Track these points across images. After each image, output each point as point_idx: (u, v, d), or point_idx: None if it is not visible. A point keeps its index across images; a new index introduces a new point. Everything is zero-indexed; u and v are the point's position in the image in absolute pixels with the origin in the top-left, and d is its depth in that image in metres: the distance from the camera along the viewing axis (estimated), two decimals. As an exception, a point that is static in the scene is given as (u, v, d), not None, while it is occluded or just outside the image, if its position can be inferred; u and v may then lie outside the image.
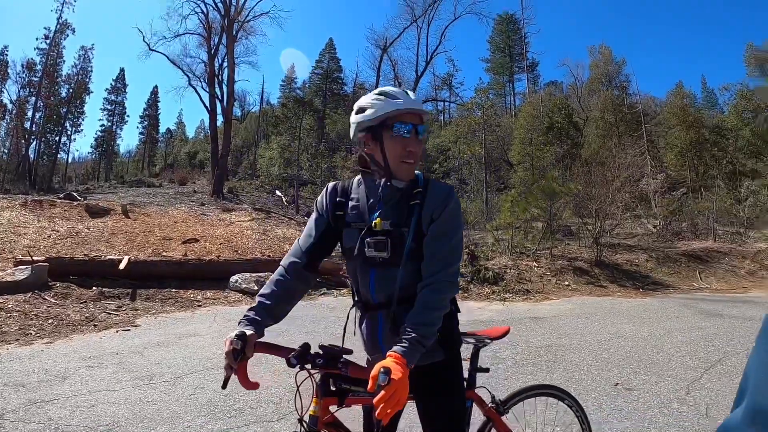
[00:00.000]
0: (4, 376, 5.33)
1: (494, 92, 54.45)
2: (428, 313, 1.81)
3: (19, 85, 48.08)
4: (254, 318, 1.95)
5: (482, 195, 28.34)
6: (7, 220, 15.29)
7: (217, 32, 33.34)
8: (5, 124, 51.31)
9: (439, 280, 1.89)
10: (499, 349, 6.35)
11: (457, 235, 2.00)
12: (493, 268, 12.18)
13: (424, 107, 2.12)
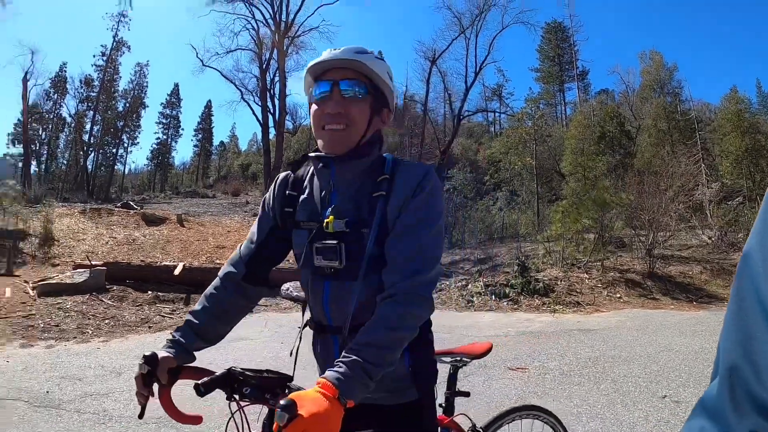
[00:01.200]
0: (63, 369, 5.76)
1: (544, 102, 53.89)
2: (383, 334, 1.38)
3: (77, 99, 50.24)
4: (177, 339, 1.64)
5: (533, 206, 28.17)
6: (67, 227, 16.09)
7: (268, 48, 34.20)
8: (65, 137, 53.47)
9: (403, 290, 1.45)
10: (546, 359, 6.45)
11: (431, 230, 1.55)
12: (543, 279, 12.17)
13: (362, 56, 1.62)
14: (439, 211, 1.60)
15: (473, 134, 51.54)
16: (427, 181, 1.58)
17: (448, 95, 35.08)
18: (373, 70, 1.64)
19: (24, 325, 7.84)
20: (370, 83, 1.66)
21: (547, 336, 7.98)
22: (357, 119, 1.62)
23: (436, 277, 1.55)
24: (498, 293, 11.49)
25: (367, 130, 1.66)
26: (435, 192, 1.59)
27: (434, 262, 1.54)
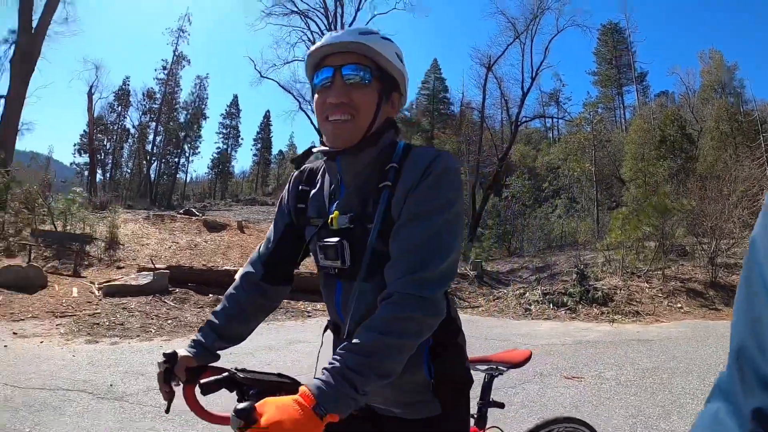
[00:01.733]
0: (126, 365, 6.19)
1: (603, 106, 52.72)
2: (371, 339, 1.21)
3: (140, 111, 52.73)
4: (198, 339, 1.66)
5: (593, 213, 27.82)
6: (132, 232, 16.87)
7: (324, 58, 34.65)
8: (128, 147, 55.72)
9: (400, 290, 1.28)
10: (603, 369, 6.51)
11: (439, 220, 1.36)
12: (602, 288, 12.10)
13: (366, 36, 1.48)
14: (450, 198, 1.39)
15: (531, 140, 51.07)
16: (436, 165, 1.40)
17: (505, 101, 34.78)
18: (378, 52, 1.48)
19: (90, 323, 8.48)
20: (376, 67, 1.50)
21: (604, 345, 8.02)
22: (363, 108, 1.48)
23: (446, 274, 1.34)
24: (556, 302, 11.50)
25: (374, 119, 1.51)
26: (446, 177, 1.40)
27: (443, 257, 1.33)
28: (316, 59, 1.52)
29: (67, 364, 6.18)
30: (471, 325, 9.64)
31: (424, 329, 1.29)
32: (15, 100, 18.18)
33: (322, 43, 1.48)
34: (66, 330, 8.14)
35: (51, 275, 11.57)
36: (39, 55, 18.64)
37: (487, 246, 23.85)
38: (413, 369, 1.44)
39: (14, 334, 7.75)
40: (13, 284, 10.35)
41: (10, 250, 13.54)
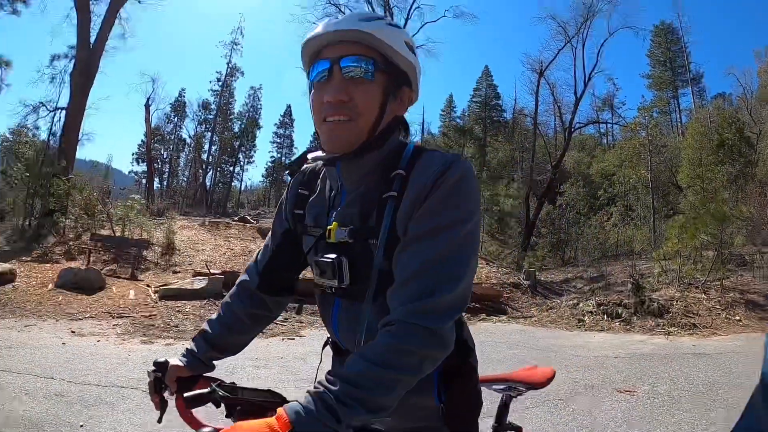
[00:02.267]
0: None
1: (658, 110, 50.97)
2: (364, 370, 1.08)
3: (196, 122, 54.32)
4: (190, 349, 1.60)
5: (649, 222, 27.32)
6: (188, 238, 17.36)
7: (375, 67, 35.01)
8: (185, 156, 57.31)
9: (402, 318, 1.13)
10: (656, 383, 6.38)
11: (452, 239, 1.19)
12: (658, 299, 11.88)
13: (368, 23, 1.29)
14: (464, 213, 1.22)
15: (585, 147, 50.14)
16: (451, 173, 1.23)
17: (558, 107, 34.52)
18: (383, 41, 1.28)
19: (145, 324, 8.88)
20: (381, 59, 1.31)
21: (659, 359, 7.88)
22: (365, 107, 1.30)
23: (458, 302, 1.19)
24: (610, 313, 11.36)
25: (379, 119, 1.33)
26: (461, 187, 1.23)
27: (453, 283, 1.16)
28: (312, 50, 1.34)
29: (122, 363, 6.49)
30: (523, 336, 9.68)
31: (426, 364, 1.15)
32: (75, 112, 19.00)
33: (317, 32, 1.30)
34: (122, 330, 8.56)
35: (109, 278, 12.15)
36: (98, 69, 19.40)
37: (540, 255, 23.69)
38: (422, 393, 1.31)
39: (72, 333, 8.21)
40: (72, 285, 10.99)
41: (70, 253, 14.25)
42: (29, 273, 12.15)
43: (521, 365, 1.74)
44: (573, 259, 24.45)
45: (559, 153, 32.02)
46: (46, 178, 17.29)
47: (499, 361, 7.41)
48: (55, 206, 16.98)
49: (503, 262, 20.27)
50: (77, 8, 19.34)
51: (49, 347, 7.31)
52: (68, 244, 15.15)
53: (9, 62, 18.01)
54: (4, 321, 8.75)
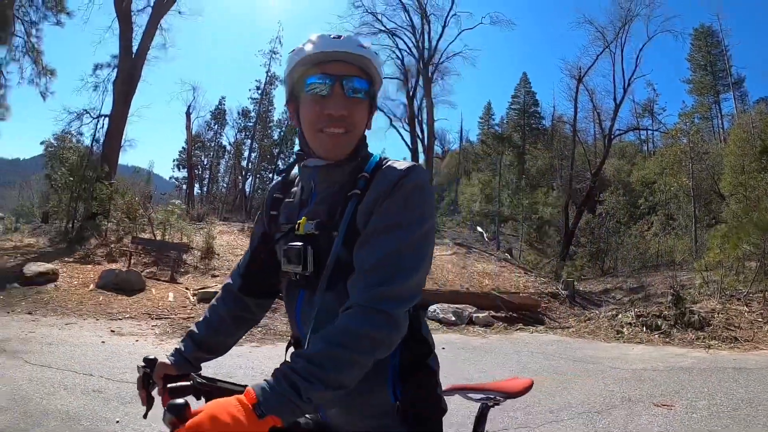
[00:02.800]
0: (217, 367, 6.45)
1: (699, 116, 49.71)
2: (321, 348, 1.18)
3: (236, 129, 55.01)
4: (179, 348, 1.67)
5: (691, 231, 26.80)
6: (227, 243, 17.58)
7: (414, 75, 35.22)
8: (224, 163, 58.03)
9: (361, 303, 1.25)
10: (695, 397, 6.26)
11: (407, 236, 1.32)
12: (698, 311, 11.62)
13: (366, 50, 1.46)
14: (420, 214, 1.35)
15: (626, 154, 49.35)
16: (407, 180, 1.36)
17: (597, 114, 34.05)
18: (375, 69, 1.48)
19: (183, 326, 9.11)
20: (371, 82, 1.49)
21: (698, 372, 7.71)
22: (358, 123, 1.48)
23: (411, 292, 1.32)
24: (649, 325, 11.15)
25: (363, 133, 1.54)
26: (418, 192, 1.36)
27: (408, 274, 1.30)
28: (309, 63, 1.44)
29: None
30: (560, 347, 9.60)
31: (381, 346, 1.24)
32: (118, 119, 19.45)
33: (319, 48, 1.42)
34: (161, 331, 8.79)
35: (149, 280, 12.43)
36: (140, 77, 19.88)
37: (579, 265, 23.47)
38: (375, 388, 1.41)
39: (112, 332, 8.48)
40: (113, 286, 11.32)
41: (111, 255, 14.61)
42: (71, 273, 12.51)
43: (557, 376, 1.77)
44: (612, 270, 24.11)
45: (599, 161, 31.64)
46: (89, 183, 17.72)
47: (535, 371, 7.38)
48: (97, 210, 17.41)
49: (541, 272, 20.05)
50: (120, 19, 19.83)
51: (88, 345, 7.57)
52: (110, 246, 15.53)
53: (53, 71, 18.54)
54: (45, 319, 9.07)
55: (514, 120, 57.77)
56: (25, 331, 8.01)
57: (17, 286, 11.04)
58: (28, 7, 17.95)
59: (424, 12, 33.36)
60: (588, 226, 29.88)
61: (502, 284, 15.97)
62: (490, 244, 27.79)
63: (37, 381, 5.65)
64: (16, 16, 17.11)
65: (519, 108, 57.61)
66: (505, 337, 10.40)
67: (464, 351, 8.81)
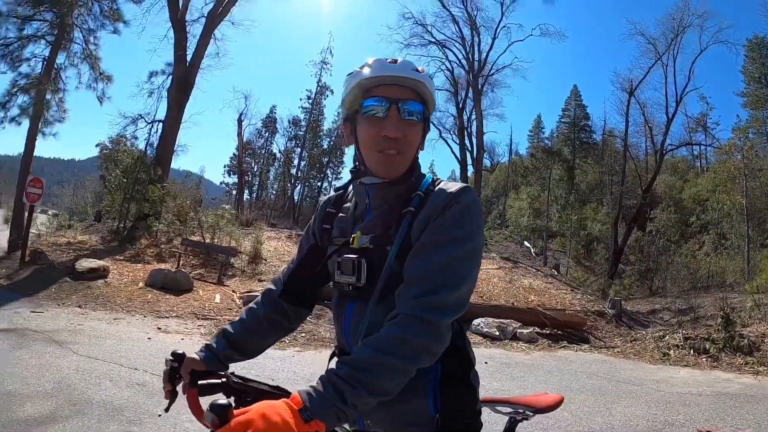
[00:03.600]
0: (258, 369, 6.56)
1: (754, 130, 47.66)
2: (366, 354, 1.22)
3: (286, 137, 55.92)
4: (209, 344, 1.69)
5: (743, 251, 26.03)
6: (274, 248, 17.80)
7: (464, 87, 35.26)
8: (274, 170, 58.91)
9: (406, 311, 1.28)
10: (740, 424, 6.08)
11: (455, 251, 1.36)
12: (749, 335, 11.28)
13: (421, 75, 1.51)
14: (469, 232, 1.39)
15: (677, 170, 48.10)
16: (461, 199, 1.42)
17: (649, 128, 33.15)
18: (428, 93, 1.54)
19: None
20: (424, 104, 1.54)
21: (745, 399, 7.44)
22: (412, 145, 1.53)
23: (456, 303, 1.34)
24: (697, 348, 10.85)
25: (416, 154, 1.59)
26: (469, 211, 1.42)
27: (453, 287, 1.33)
28: (367, 86, 1.50)
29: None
30: (604, 367, 9.42)
31: (423, 354, 1.27)
32: (172, 125, 19.90)
33: (377, 72, 1.49)
34: (206, 331, 8.93)
35: (196, 281, 12.67)
36: (193, 85, 20.27)
37: (627, 283, 23.03)
38: (416, 398, 1.44)
39: (158, 329, 8.69)
40: (161, 286, 11.63)
41: (161, 255, 15.04)
42: (121, 271, 12.90)
43: (599, 397, 1.72)
44: (661, 289, 23.58)
45: (650, 176, 30.87)
46: (142, 185, 18.22)
47: (577, 390, 7.27)
48: (149, 211, 17.81)
49: (588, 289, 19.72)
50: (175, 29, 20.37)
51: (135, 340, 7.78)
52: (160, 246, 15.95)
53: (110, 77, 19.13)
54: (95, 313, 9.36)
55: (564, 133, 57.07)
56: (74, 324, 8.27)
57: (69, 280, 11.45)
58: (86, 16, 18.60)
59: (473, 24, 33.28)
60: (637, 244, 29.33)
61: (548, 301, 15.73)
62: (537, 260, 27.52)
63: (83, 371, 5.85)
64: (74, 24, 17.73)
65: (569, 121, 56.87)
66: (548, 354, 10.26)
67: (507, 366, 8.72)
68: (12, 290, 10.53)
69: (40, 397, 4.88)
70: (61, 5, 16.47)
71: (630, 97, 31.49)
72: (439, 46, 34.26)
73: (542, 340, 11.39)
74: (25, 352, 6.35)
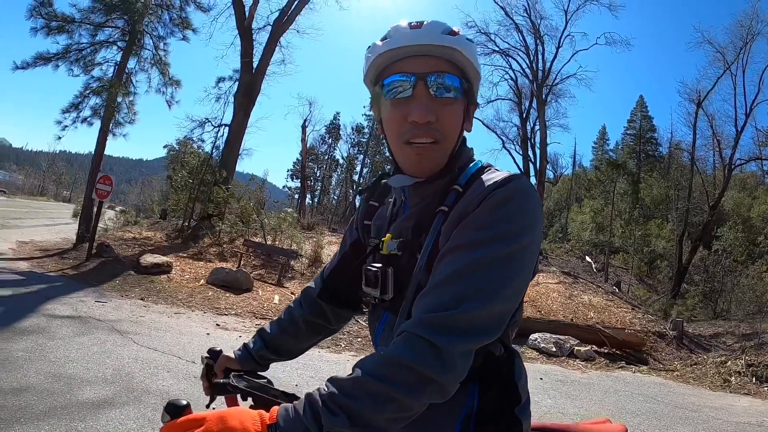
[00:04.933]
0: (313, 370, 6.74)
1: None
2: (358, 378, 0.98)
3: (349, 144, 56.43)
4: (246, 343, 1.61)
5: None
6: (334, 253, 17.91)
7: (527, 97, 34.97)
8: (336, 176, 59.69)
9: (414, 330, 1.01)
10: None
11: (491, 252, 1.04)
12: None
13: (454, 38, 1.19)
14: (510, 231, 1.07)
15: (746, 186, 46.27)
16: (500, 191, 1.10)
17: (717, 141, 31.98)
18: (469, 59, 1.22)
19: None
20: (464, 77, 1.24)
21: None
22: (450, 129, 1.23)
23: (476, 325, 1.02)
24: (760, 375, 10.48)
25: (458, 141, 1.28)
26: (509, 203, 1.09)
27: (480, 301, 1.01)
28: (386, 61, 1.23)
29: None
30: (661, 390, 9.16)
31: (427, 387, 0.98)
32: (237, 129, 20.45)
33: (398, 43, 1.19)
34: (264, 330, 9.12)
35: (257, 281, 12.91)
36: (259, 91, 20.86)
37: (690, 304, 22.34)
38: (441, 428, 1.19)
39: (217, 326, 8.90)
40: (222, 284, 11.91)
41: (223, 255, 15.40)
42: (184, 267, 13.30)
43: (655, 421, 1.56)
44: (725, 312, 22.78)
45: (718, 192, 29.83)
46: (207, 186, 18.77)
47: (633, 413, 7.10)
48: (213, 211, 18.41)
49: (650, 309, 19.16)
50: (241, 37, 20.96)
51: (194, 335, 7.99)
52: (222, 246, 16.35)
53: (179, 81, 19.77)
54: (156, 306, 9.66)
55: (630, 145, 55.58)
56: (136, 315, 8.56)
57: (133, 273, 11.89)
58: (156, 23, 19.31)
59: (537, 32, 32.94)
60: (702, 263, 28.44)
61: (608, 318, 15.40)
62: (598, 276, 26.94)
63: (142, 361, 6.05)
64: (145, 30, 18.45)
65: (635, 133, 55.35)
66: (605, 374, 10.03)
67: (562, 384, 8.58)
68: (78, 280, 10.95)
69: (99, 383, 5.08)
70: (132, 13, 17.21)
71: (698, 109, 30.48)
72: (502, 55, 34.06)
73: (600, 359, 11.16)
74: (87, 338, 6.60)
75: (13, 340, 5.95)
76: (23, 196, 58.17)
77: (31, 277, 10.51)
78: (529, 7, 32.44)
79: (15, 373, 4.93)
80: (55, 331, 6.70)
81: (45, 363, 5.37)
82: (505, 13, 32.98)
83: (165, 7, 19.44)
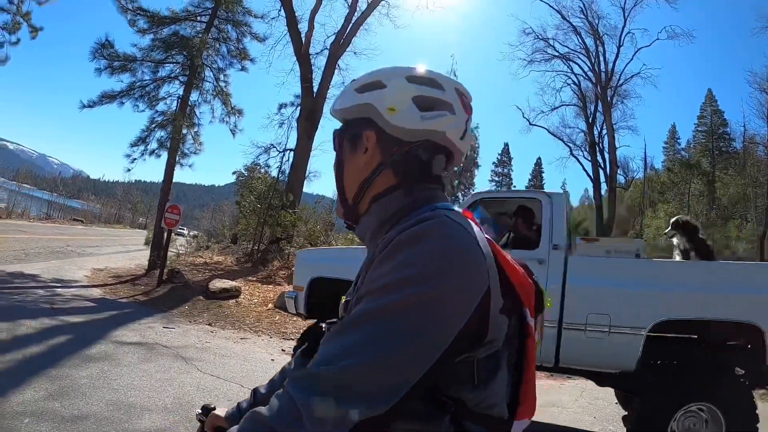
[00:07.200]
0: None
1: None
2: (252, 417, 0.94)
3: None
4: (239, 403, 1.48)
5: None
6: None
7: (592, 100, 34.12)
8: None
9: (286, 385, 0.93)
10: None
11: (368, 306, 0.93)
12: None
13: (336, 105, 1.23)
14: (396, 279, 0.93)
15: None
16: (402, 235, 0.98)
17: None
18: (337, 110, 1.24)
19: None
20: (344, 125, 1.27)
21: None
22: (338, 178, 1.26)
23: (341, 386, 0.88)
24: None
25: (347, 184, 1.25)
26: (402, 248, 0.96)
27: (348, 359, 0.88)
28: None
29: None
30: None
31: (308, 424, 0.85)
32: (302, 153, 20.71)
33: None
34: (329, 355, 8.99)
35: (325, 305, 12.80)
36: (321, 114, 21.07)
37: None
38: None
39: (282, 351, 8.82)
40: (291, 308, 11.82)
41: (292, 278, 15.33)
42: (252, 291, 13.36)
43: None
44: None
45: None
46: (275, 210, 18.94)
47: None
48: (281, 235, 18.57)
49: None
50: (300, 62, 21.31)
51: (258, 361, 7.92)
52: (291, 269, 16.34)
53: (241, 110, 20.33)
54: (223, 332, 9.68)
55: (702, 143, 52.80)
56: (202, 341, 8.56)
57: (202, 299, 12.03)
58: (215, 56, 19.96)
59: (596, 33, 32.29)
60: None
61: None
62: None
63: (204, 389, 5.96)
64: (205, 64, 19.05)
65: (706, 129, 52.62)
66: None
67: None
68: (149, 306, 11.19)
69: (159, 411, 4.99)
70: (190, 49, 17.79)
71: (769, 98, 29.00)
72: (563, 59, 33.65)
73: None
74: (152, 365, 6.59)
75: (79, 367, 5.96)
76: (100, 224, 60.78)
77: (103, 303, 10.78)
78: (585, 7, 31.98)
79: (77, 400, 4.90)
80: (121, 357, 6.72)
81: (107, 390, 5.33)
82: (562, 17, 32.62)
83: (222, 41, 20.10)
